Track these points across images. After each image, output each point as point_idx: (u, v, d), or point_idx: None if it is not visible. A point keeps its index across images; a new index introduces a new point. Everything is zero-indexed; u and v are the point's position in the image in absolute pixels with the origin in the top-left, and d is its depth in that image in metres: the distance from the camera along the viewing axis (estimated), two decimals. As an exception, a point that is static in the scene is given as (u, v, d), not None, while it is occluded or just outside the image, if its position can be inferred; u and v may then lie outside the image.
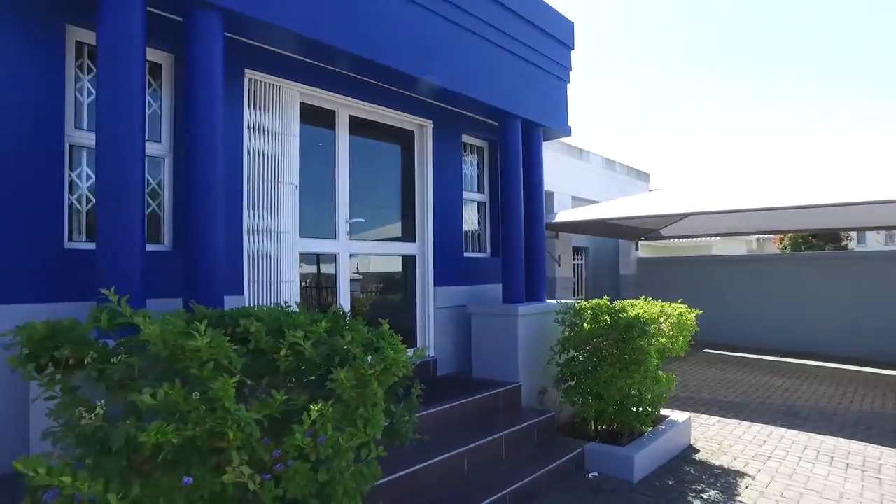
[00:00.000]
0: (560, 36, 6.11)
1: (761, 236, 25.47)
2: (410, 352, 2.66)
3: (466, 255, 6.05)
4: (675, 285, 11.56)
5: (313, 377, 2.34)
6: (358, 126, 5.02)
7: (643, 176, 14.37)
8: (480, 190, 6.46)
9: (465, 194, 6.16)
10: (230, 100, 3.82)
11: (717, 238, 18.95)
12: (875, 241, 23.42)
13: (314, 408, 2.00)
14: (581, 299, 6.24)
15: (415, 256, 5.53)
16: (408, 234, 5.52)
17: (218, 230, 3.16)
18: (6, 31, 3.00)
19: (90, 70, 3.44)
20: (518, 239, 5.58)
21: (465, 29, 4.89)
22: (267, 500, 1.88)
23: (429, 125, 5.55)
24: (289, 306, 2.83)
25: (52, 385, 1.97)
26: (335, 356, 2.33)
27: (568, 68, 6.34)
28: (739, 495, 4.15)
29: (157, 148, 3.69)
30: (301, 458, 2.02)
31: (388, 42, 4.18)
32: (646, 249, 15.64)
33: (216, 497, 1.85)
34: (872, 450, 5.10)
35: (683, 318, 5.31)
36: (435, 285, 5.53)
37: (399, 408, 2.73)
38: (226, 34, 3.28)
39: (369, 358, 2.31)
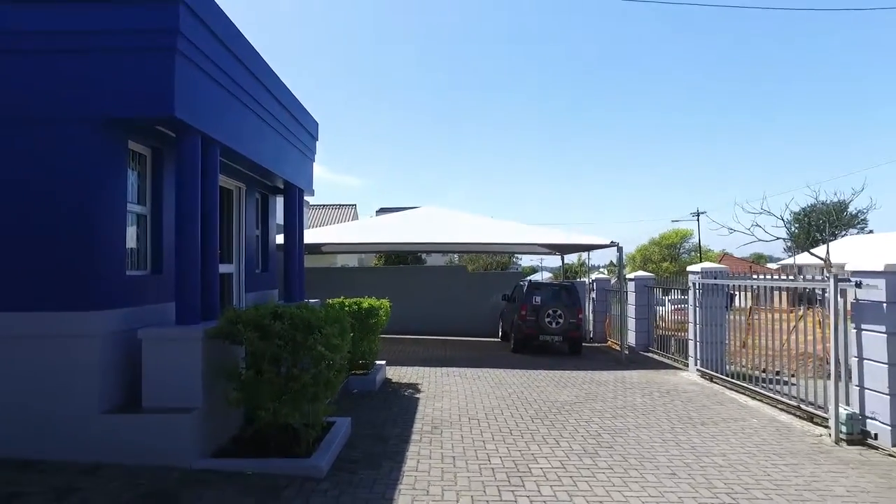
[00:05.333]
0: (314, 133, 9.76)
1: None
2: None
3: (256, 271, 9.02)
4: (323, 286, 15.51)
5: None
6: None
7: (307, 204, 18.58)
8: (257, 227, 9.45)
9: (255, 231, 9.12)
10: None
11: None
12: (439, 257, 34.06)
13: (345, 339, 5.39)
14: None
15: (232, 273, 8.29)
16: (229, 258, 8.23)
17: (196, 260, 5.72)
18: (98, 145, 5.03)
19: (134, 166, 5.54)
20: (295, 262, 8.98)
21: (284, 139, 8.12)
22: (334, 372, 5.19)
23: (243, 187, 8.42)
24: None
25: (244, 336, 4.79)
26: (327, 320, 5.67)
27: (315, 152, 10.03)
28: (420, 390, 8.76)
29: (142, 209, 5.88)
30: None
31: (262, 148, 7.17)
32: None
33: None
34: (462, 370, 10.60)
35: (386, 307, 9.69)
36: (246, 292, 8.41)
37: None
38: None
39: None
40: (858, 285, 6.45)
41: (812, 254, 17.02)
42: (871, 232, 41.12)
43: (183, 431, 4.80)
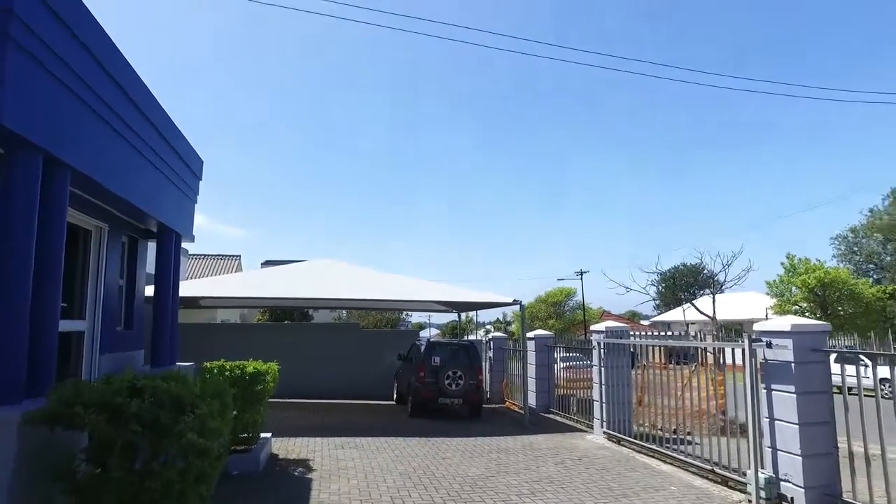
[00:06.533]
0: (197, 171, 8.58)
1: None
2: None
3: (116, 329, 7.48)
4: (200, 345, 13.25)
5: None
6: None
7: (185, 252, 16.70)
8: (121, 276, 7.94)
9: (119, 281, 7.62)
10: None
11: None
12: (327, 313, 32.35)
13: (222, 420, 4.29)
14: None
15: (84, 332, 6.74)
16: (80, 313, 6.70)
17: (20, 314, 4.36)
18: None
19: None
20: (167, 318, 7.58)
21: (161, 173, 6.93)
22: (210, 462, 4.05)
23: (105, 227, 7.01)
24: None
25: (86, 420, 3.58)
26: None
27: (198, 193, 8.80)
28: (312, 468, 7.55)
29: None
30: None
31: (132, 182, 5.97)
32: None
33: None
34: (358, 440, 9.49)
35: (274, 371, 8.45)
36: (101, 354, 6.86)
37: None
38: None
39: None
40: (769, 346, 6.47)
41: (699, 310, 18.00)
42: (722, 291, 45.94)
43: (-22, 561, 3.41)
